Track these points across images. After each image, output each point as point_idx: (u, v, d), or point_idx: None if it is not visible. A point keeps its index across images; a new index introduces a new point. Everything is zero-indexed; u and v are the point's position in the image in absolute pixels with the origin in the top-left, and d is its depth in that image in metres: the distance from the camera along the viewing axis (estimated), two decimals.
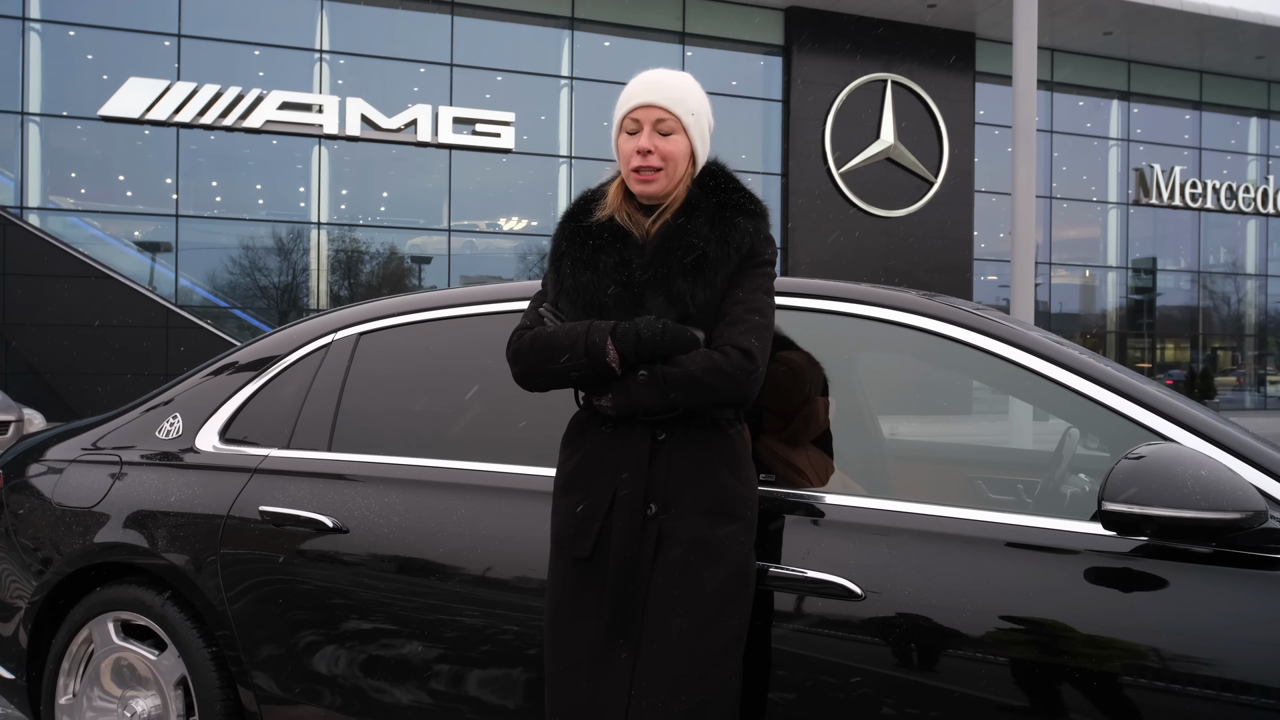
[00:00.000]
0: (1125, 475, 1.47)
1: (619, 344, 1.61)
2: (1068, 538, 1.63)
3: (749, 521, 1.66)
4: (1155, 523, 1.45)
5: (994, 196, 20.76)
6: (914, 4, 18.79)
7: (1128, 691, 1.48)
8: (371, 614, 2.08)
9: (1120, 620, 1.53)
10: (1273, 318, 25.30)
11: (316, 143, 16.25)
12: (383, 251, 17.59)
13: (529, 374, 1.71)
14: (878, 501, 1.78)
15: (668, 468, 1.63)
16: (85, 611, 2.45)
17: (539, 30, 17.71)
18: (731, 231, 1.68)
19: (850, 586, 1.66)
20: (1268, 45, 21.61)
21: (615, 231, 1.72)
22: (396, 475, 2.15)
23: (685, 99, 1.72)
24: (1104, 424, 1.73)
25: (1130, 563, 1.56)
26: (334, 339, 2.44)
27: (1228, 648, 1.45)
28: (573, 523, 1.67)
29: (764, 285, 1.70)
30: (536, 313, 1.76)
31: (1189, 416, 1.66)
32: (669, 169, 1.70)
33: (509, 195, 18.32)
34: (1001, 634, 1.57)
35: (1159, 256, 23.58)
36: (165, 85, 15.06)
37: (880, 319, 1.97)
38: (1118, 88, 22.33)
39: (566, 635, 1.66)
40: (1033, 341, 1.84)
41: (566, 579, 1.68)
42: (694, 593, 1.59)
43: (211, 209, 16.13)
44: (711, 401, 1.62)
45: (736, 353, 1.60)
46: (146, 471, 2.47)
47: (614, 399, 1.63)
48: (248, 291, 16.64)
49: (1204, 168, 23.30)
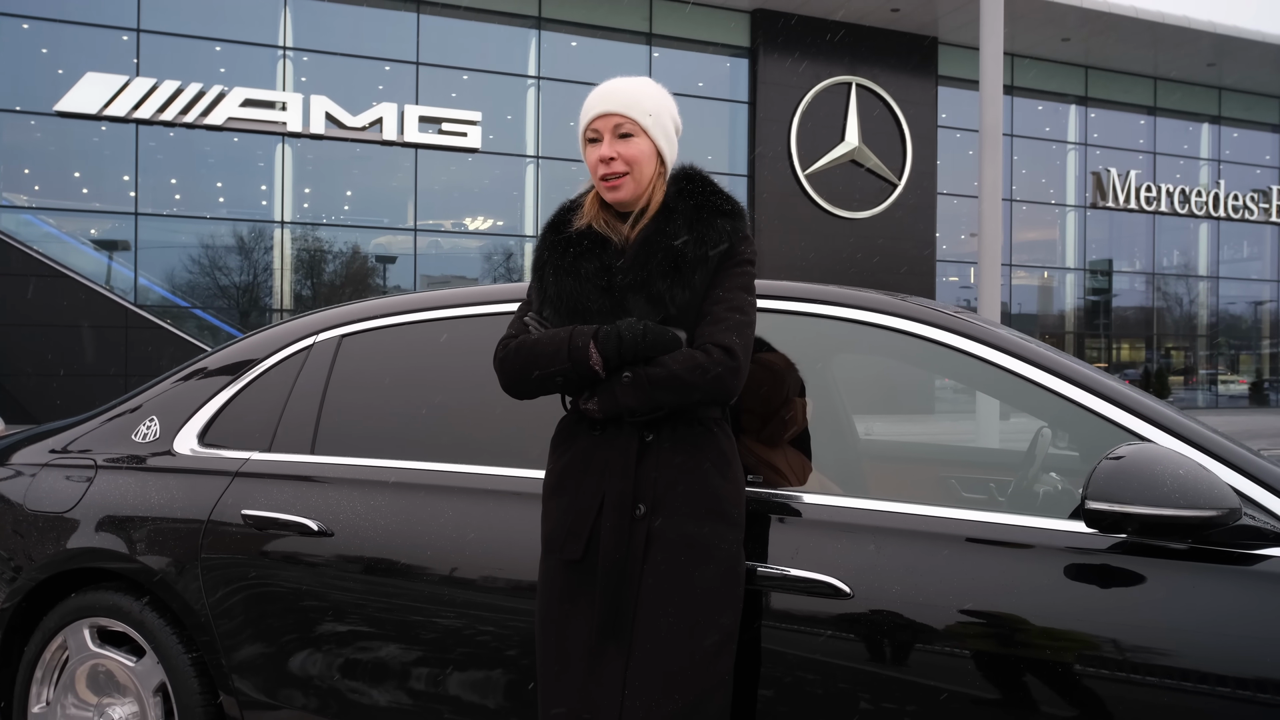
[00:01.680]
0: (1107, 475, 1.51)
1: (601, 347, 1.63)
2: (1049, 535, 1.67)
3: (737, 521, 1.68)
4: (1136, 520, 1.50)
5: (956, 199, 21.05)
6: (878, 8, 19.00)
7: (1109, 685, 1.52)
8: (356, 617, 2.07)
9: (1099, 615, 1.57)
10: (1224, 318, 25.94)
11: (280, 141, 16.03)
12: (347, 251, 17.41)
13: (515, 381, 1.73)
14: (866, 501, 1.81)
15: (655, 468, 1.65)
16: (60, 618, 2.41)
17: (506, 29, 17.64)
18: (709, 232, 1.71)
19: (839, 585, 1.69)
20: (1218, 53, 22.15)
21: (594, 239, 1.75)
22: (382, 478, 2.15)
23: (640, 101, 1.75)
24: (1082, 425, 1.78)
25: (1109, 559, 1.61)
26: (316, 341, 2.42)
27: (1203, 641, 1.50)
28: (563, 525, 1.68)
29: (744, 284, 1.73)
30: (521, 322, 1.78)
31: (1164, 417, 1.71)
32: (635, 172, 1.73)
33: (475, 195, 18.23)
34: (986, 630, 1.61)
35: (1115, 258, 24.08)
36: (124, 81, 14.75)
37: (857, 320, 2.01)
38: (1075, 93, 22.76)
39: (558, 637, 1.67)
40: (1011, 343, 1.88)
41: (557, 581, 1.69)
42: (684, 592, 1.61)
43: (171, 207, 15.85)
44: (696, 400, 1.64)
45: (718, 350, 1.63)
46: (123, 475, 2.43)
47: (600, 401, 1.65)
48: (208, 291, 16.37)
49: (1158, 172, 23.83)
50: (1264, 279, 26.06)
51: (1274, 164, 25.51)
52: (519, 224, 18.19)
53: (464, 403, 2.24)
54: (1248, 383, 26.17)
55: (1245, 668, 1.46)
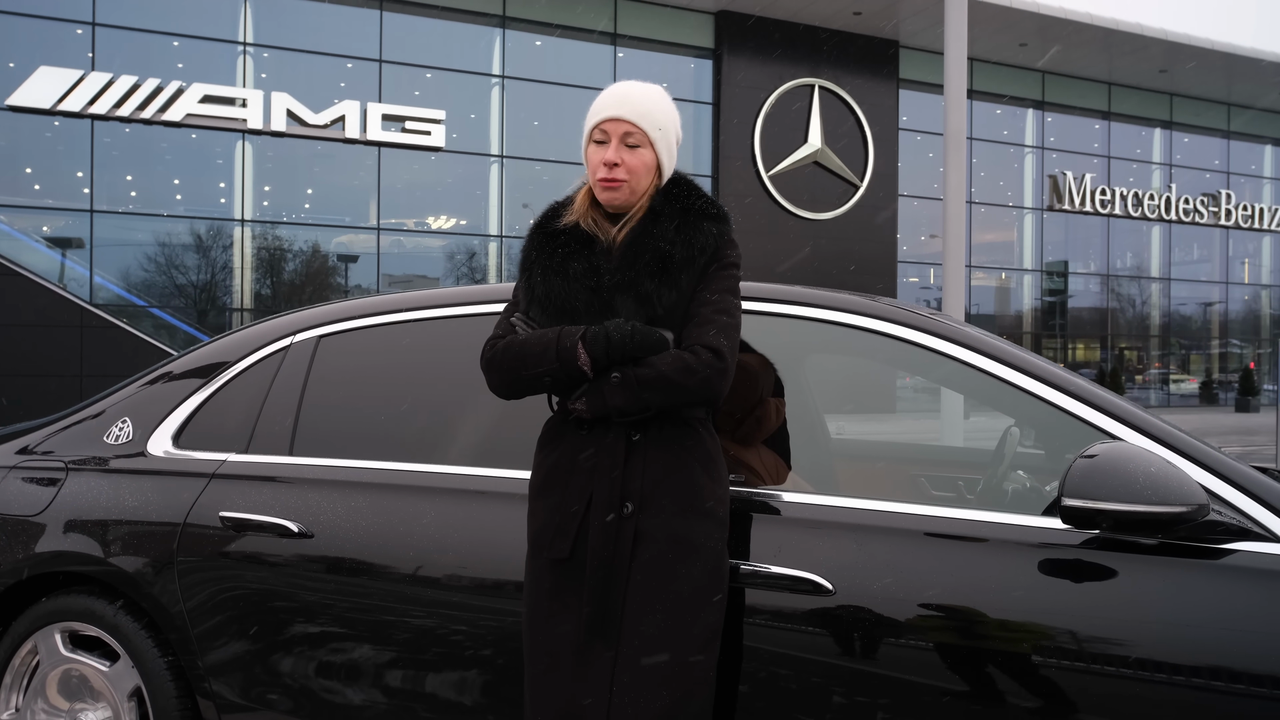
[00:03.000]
0: (1082, 473, 1.56)
1: (589, 347, 1.64)
2: (1025, 531, 1.71)
3: (722, 519, 1.71)
4: (1110, 517, 1.54)
5: (916, 200, 21.34)
6: (841, 11, 19.19)
7: (1080, 677, 1.56)
8: (336, 618, 2.06)
9: (1072, 609, 1.61)
10: (1175, 319, 26.58)
11: (240, 138, 15.80)
12: (308, 250, 17.20)
13: (503, 382, 1.74)
14: (846, 499, 1.84)
15: (643, 467, 1.67)
16: (30, 623, 2.37)
17: (470, 28, 17.54)
18: (696, 234, 1.73)
19: (821, 582, 1.72)
20: (1170, 59, 22.69)
21: (582, 238, 1.76)
22: (362, 479, 2.14)
23: (653, 113, 1.77)
24: (1054, 423, 1.83)
25: (1082, 554, 1.66)
26: (293, 341, 2.41)
27: (1172, 633, 1.55)
28: (550, 524, 1.70)
29: (730, 286, 1.75)
30: (508, 322, 1.78)
31: (1134, 415, 1.76)
32: (634, 181, 1.75)
33: (438, 194, 18.11)
34: (961, 624, 1.65)
35: (1070, 260, 24.57)
36: (79, 75, 14.44)
37: (830, 321, 2.04)
38: (1033, 97, 23.18)
39: (546, 636, 1.68)
40: (986, 344, 1.93)
41: (544, 580, 1.70)
42: (671, 589, 1.63)
43: (127, 204, 15.55)
44: (683, 400, 1.66)
45: (706, 352, 1.65)
46: (95, 477, 2.40)
47: (588, 401, 1.67)
48: (166, 290, 16.08)
49: (1112, 175, 24.35)
50: (1213, 280, 26.74)
51: (1222, 169, 26.18)
52: (482, 223, 18.11)
53: (445, 403, 2.25)
54: (1198, 382, 26.84)
55: (1213, 659, 1.51)
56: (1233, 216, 25.93)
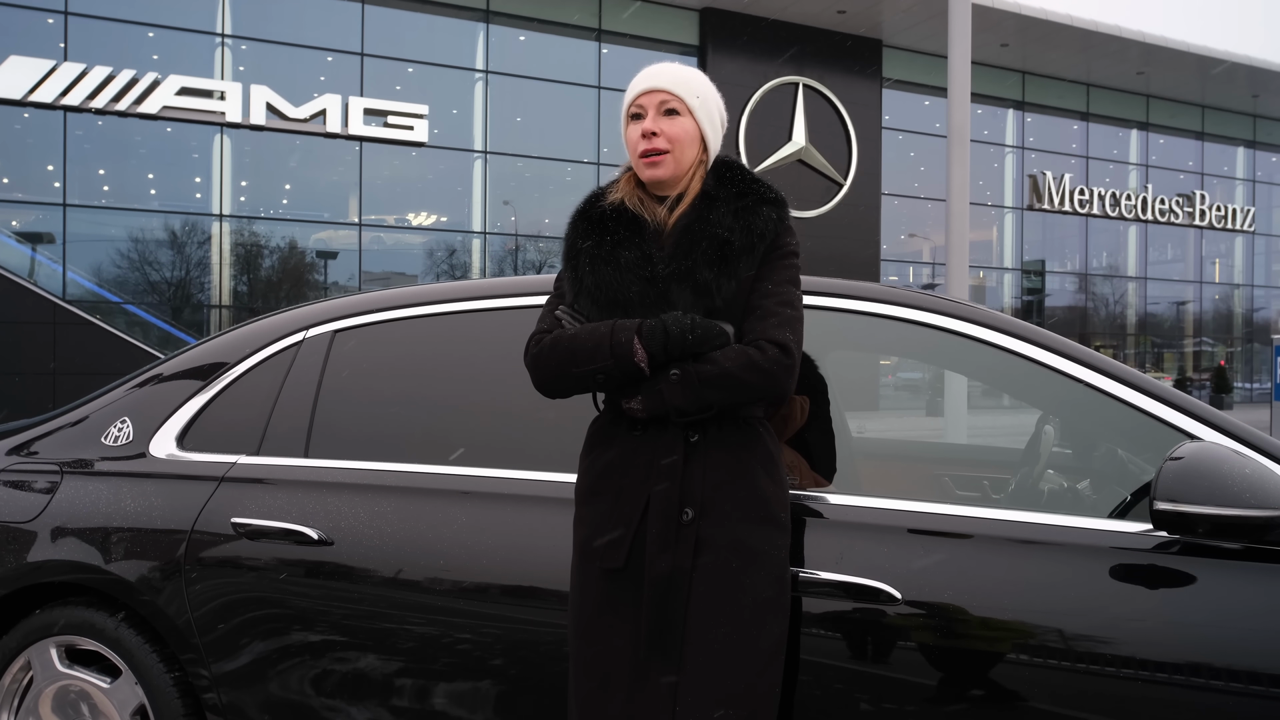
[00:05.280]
0: (1175, 476, 1.48)
1: (646, 342, 1.53)
2: (1096, 535, 1.64)
3: (785, 524, 1.61)
4: (1208, 521, 1.46)
5: (897, 199, 21.39)
6: (824, 10, 19.17)
7: (1160, 688, 1.49)
8: (360, 632, 1.94)
9: (1151, 616, 1.54)
10: (1150, 318, 26.86)
11: (218, 131, 15.50)
12: (288, 245, 16.93)
13: (551, 380, 1.62)
14: (904, 503, 1.75)
15: (703, 471, 1.56)
16: (22, 637, 2.22)
17: (453, 22, 17.32)
18: (755, 220, 1.63)
19: (889, 590, 1.62)
20: (1147, 61, 22.91)
21: (630, 224, 1.65)
22: (386, 482, 2.02)
23: (690, 82, 1.69)
24: (1130, 424, 1.74)
25: (1156, 559, 1.58)
26: (305, 337, 2.27)
27: (1257, 641, 1.48)
28: (602, 531, 1.58)
29: (791, 276, 1.66)
30: (553, 315, 1.66)
31: (1217, 417, 1.68)
32: (676, 151, 1.65)
33: (420, 190, 17.90)
34: (1041, 633, 1.57)
35: (1048, 259, 24.75)
36: (51, 65, 14.08)
37: (853, 310, 1.99)
38: (1013, 97, 23.30)
39: (596, 651, 1.57)
40: (1047, 338, 1.86)
41: (594, 591, 1.59)
42: (737, 601, 1.52)
43: (101, 198, 15.22)
44: (748, 399, 1.56)
45: (772, 347, 1.55)
46: (93, 481, 2.25)
47: (644, 401, 1.55)
48: (140, 286, 15.75)
49: (1090, 175, 24.55)
50: (1187, 280, 27.05)
51: (1197, 170, 26.49)
52: (465, 220, 17.90)
53: (474, 402, 2.13)
54: (1172, 379, 27.14)
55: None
56: (1206, 217, 26.23)
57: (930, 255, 23.36)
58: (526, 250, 18.39)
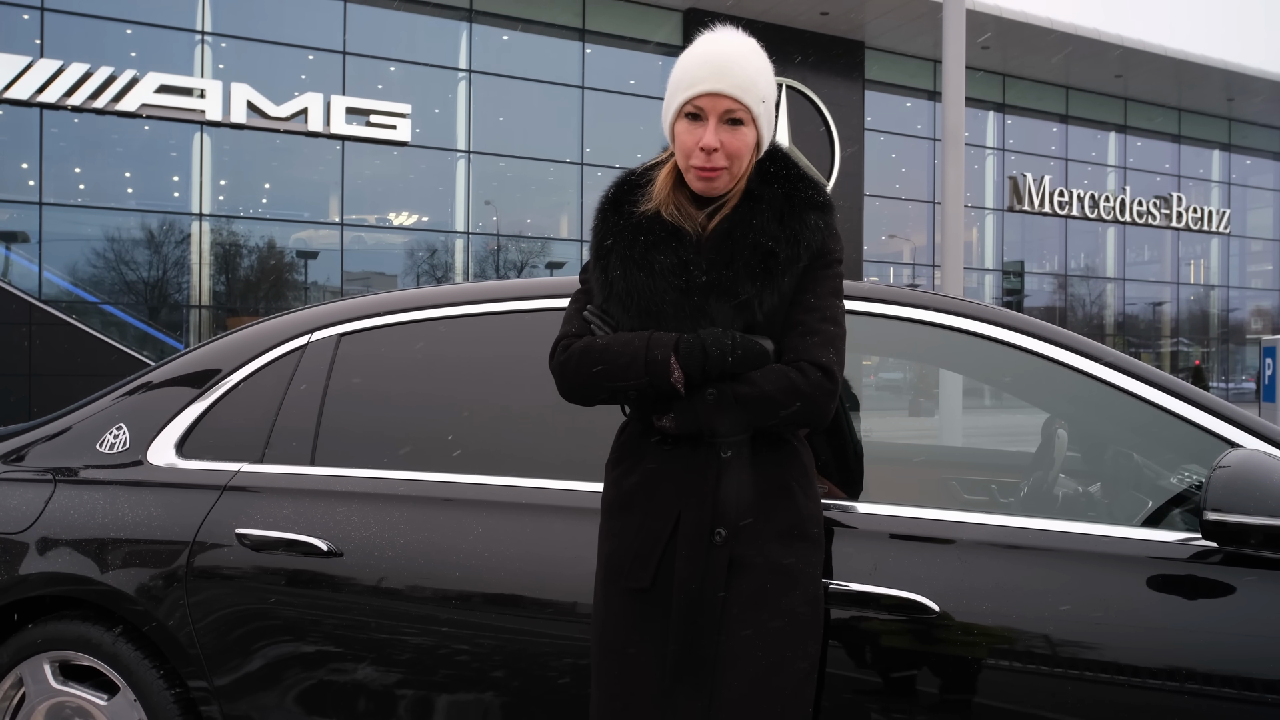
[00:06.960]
0: (1225, 485, 1.44)
1: (684, 362, 1.44)
2: (1132, 545, 1.61)
3: (819, 541, 1.54)
4: (1261, 532, 1.43)
5: (878, 200, 21.46)
6: (808, 11, 19.20)
7: (1204, 701, 1.46)
8: (370, 645, 1.87)
9: (1191, 626, 1.51)
10: (1128, 318, 27.12)
11: (198, 129, 15.30)
12: (268, 245, 16.73)
13: (579, 388, 1.52)
14: (938, 512, 1.71)
15: (737, 488, 1.48)
16: (14, 653, 2.13)
17: (436, 21, 17.20)
18: (802, 229, 1.51)
19: (926, 603, 1.58)
20: (1125, 65, 23.13)
21: (665, 226, 1.52)
22: (397, 491, 1.95)
23: (758, 84, 1.51)
24: (1168, 431, 1.71)
25: (1194, 569, 1.55)
26: (310, 341, 2.20)
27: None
28: (629, 549, 1.51)
29: (835, 288, 1.54)
30: (581, 318, 1.55)
31: (1256, 423, 1.65)
32: (734, 166, 1.51)
33: (402, 189, 17.76)
34: (1080, 644, 1.53)
35: (1027, 260, 24.94)
36: (27, 62, 13.85)
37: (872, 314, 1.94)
38: (994, 99, 23.44)
39: (620, 673, 1.50)
40: (1085, 344, 1.82)
41: (620, 611, 1.51)
42: (772, 626, 1.45)
43: (78, 197, 14.98)
44: (786, 424, 1.47)
45: (815, 371, 1.45)
46: (88, 490, 2.17)
47: (678, 419, 1.47)
48: (117, 286, 15.51)
49: (1070, 177, 24.75)
50: (1163, 281, 27.34)
51: (1173, 172, 26.78)
52: (448, 219, 17.77)
53: (488, 408, 2.06)
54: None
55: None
56: (1183, 219, 26.53)
57: (910, 256, 23.45)
58: (509, 250, 18.28)
